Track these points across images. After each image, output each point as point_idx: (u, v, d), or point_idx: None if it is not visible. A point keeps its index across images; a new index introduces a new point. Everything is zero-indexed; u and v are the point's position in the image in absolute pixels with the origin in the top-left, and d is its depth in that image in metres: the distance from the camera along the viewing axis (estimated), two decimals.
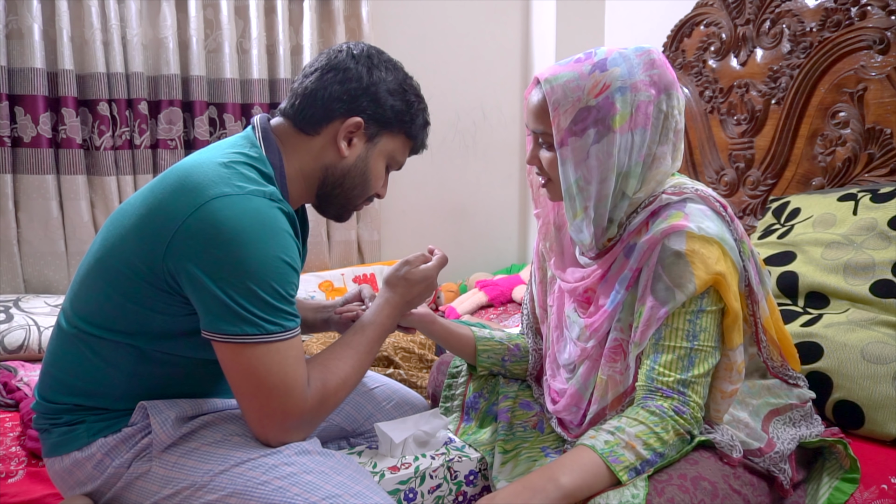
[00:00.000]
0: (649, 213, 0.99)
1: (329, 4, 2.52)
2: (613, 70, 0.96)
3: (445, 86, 2.79)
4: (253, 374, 0.91)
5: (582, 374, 1.08)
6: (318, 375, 0.98)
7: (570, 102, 0.96)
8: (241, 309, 0.90)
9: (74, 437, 1.00)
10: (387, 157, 1.12)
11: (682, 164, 2.14)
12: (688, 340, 0.93)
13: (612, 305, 1.01)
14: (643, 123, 0.96)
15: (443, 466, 1.10)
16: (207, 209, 0.90)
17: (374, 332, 1.09)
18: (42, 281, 2.14)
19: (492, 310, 2.51)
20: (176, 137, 2.28)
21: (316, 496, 0.87)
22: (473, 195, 2.99)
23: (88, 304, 1.00)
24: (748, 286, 0.99)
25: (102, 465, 0.98)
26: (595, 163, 0.97)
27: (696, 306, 0.94)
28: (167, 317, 0.96)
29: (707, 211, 0.97)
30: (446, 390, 1.33)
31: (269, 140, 1.05)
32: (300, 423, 0.96)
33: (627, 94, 0.95)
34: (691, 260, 0.92)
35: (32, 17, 2.00)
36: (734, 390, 0.96)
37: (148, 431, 0.99)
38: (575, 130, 0.96)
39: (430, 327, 1.25)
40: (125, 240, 0.96)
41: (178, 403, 1.01)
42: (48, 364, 1.04)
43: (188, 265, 0.90)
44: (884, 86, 1.60)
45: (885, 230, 1.35)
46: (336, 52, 1.08)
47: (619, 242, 1.01)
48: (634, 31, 2.67)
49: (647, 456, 0.88)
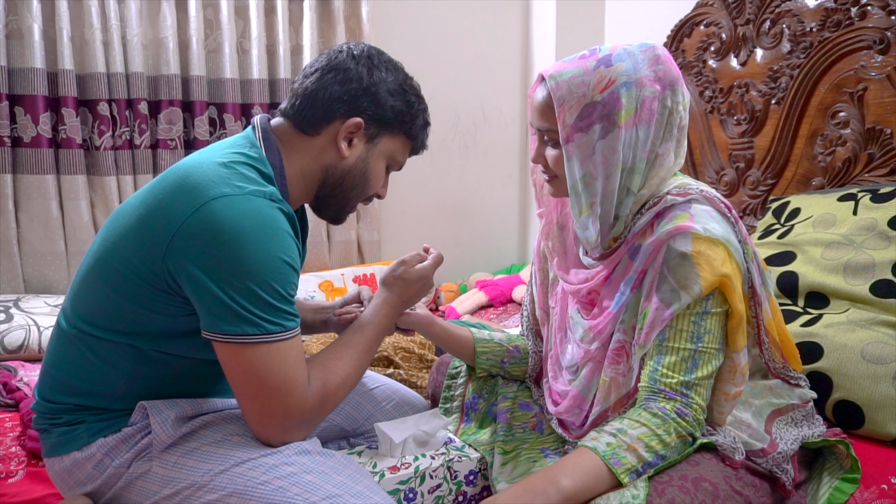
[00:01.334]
0: (654, 215, 0.98)
1: (329, 4, 2.52)
2: (619, 66, 0.96)
3: (445, 86, 2.79)
4: (254, 374, 0.91)
5: (585, 376, 1.08)
6: (319, 375, 0.98)
7: (575, 98, 0.96)
8: (241, 309, 0.90)
9: (74, 437, 1.00)
10: (387, 157, 1.12)
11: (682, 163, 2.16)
12: (692, 342, 0.93)
13: (617, 307, 1.01)
14: (648, 119, 0.96)
15: (443, 466, 1.10)
16: (207, 209, 0.90)
17: (373, 331, 1.09)
18: (42, 281, 2.14)
19: (492, 310, 2.51)
20: (176, 137, 2.28)
21: (316, 496, 0.87)
22: (473, 195, 2.99)
23: (88, 304, 1.00)
24: (751, 288, 0.99)
25: (102, 465, 0.98)
26: (601, 158, 0.97)
27: (701, 308, 0.93)
28: (167, 317, 0.96)
29: (712, 212, 0.97)
30: (446, 391, 1.33)
31: (268, 140, 1.05)
32: (301, 423, 0.96)
33: (633, 89, 0.95)
34: (697, 261, 0.92)
35: (32, 17, 2.00)
36: (738, 392, 0.96)
37: (148, 431, 0.99)
38: (580, 126, 0.96)
39: (428, 329, 1.25)
40: (125, 240, 0.96)
41: (177, 403, 1.01)
42: (48, 364, 1.04)
43: (188, 265, 0.90)
44: (884, 86, 1.60)
45: (885, 230, 1.35)
46: (336, 52, 1.08)
47: (624, 244, 1.01)
48: (634, 31, 2.67)
49: (649, 458, 0.88)
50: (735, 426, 0.98)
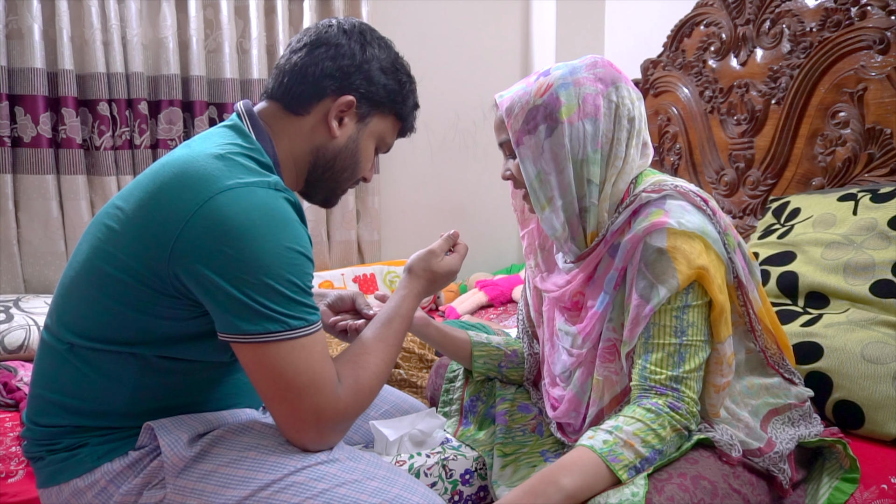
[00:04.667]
0: (631, 213, 1.00)
1: (329, 4, 2.52)
2: (555, 73, 1.04)
3: (445, 86, 2.79)
4: (280, 374, 0.86)
5: (578, 379, 1.09)
6: (349, 372, 0.93)
7: (519, 107, 1.04)
8: (260, 307, 0.85)
9: (76, 463, 0.92)
10: (377, 138, 1.08)
11: (682, 163, 2.16)
12: (676, 336, 0.94)
13: (602, 307, 1.02)
14: (593, 113, 1.01)
15: (437, 465, 1.10)
16: (212, 205, 0.85)
17: (400, 324, 1.04)
18: (42, 281, 2.14)
19: (492, 310, 2.51)
20: (176, 137, 2.29)
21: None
22: (473, 195, 2.99)
23: (81, 316, 0.93)
24: (737, 277, 0.99)
25: (106, 494, 0.91)
26: (550, 155, 1.02)
27: (682, 302, 0.94)
28: (172, 322, 0.91)
29: (687, 206, 0.98)
30: (444, 394, 1.33)
31: (258, 127, 1.00)
32: (336, 424, 0.91)
33: (571, 87, 1.01)
34: (673, 256, 0.93)
35: (32, 17, 2.00)
36: (726, 383, 0.97)
37: (156, 454, 0.92)
38: (527, 129, 1.03)
39: (424, 330, 1.23)
40: (119, 244, 0.90)
41: (185, 422, 0.94)
42: (38, 386, 0.96)
43: (197, 266, 0.85)
44: (884, 86, 1.60)
45: (885, 230, 1.34)
46: (326, 26, 1.03)
47: (603, 243, 1.02)
48: (634, 31, 2.67)
49: (647, 454, 0.88)
50: (732, 424, 0.98)
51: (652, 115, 2.29)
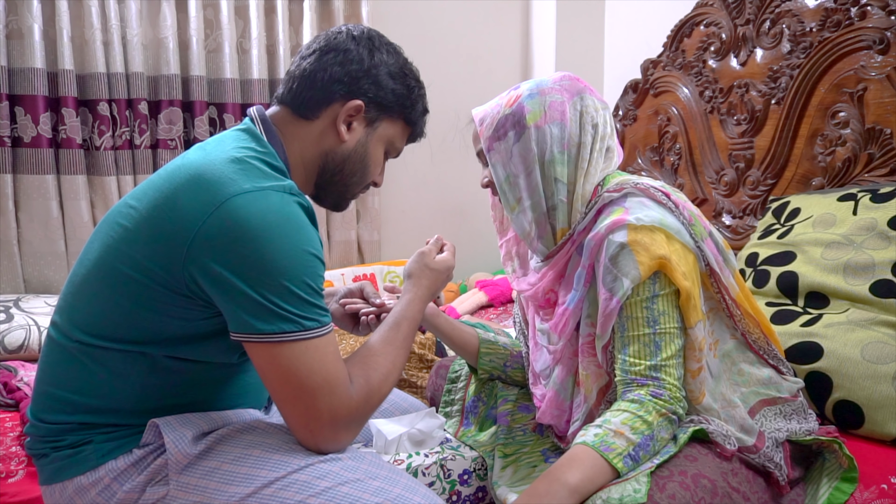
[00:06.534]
0: (596, 212, 1.04)
1: (329, 4, 2.52)
2: (524, 86, 1.11)
3: (445, 86, 2.78)
4: (294, 374, 0.87)
5: (558, 376, 1.11)
6: (360, 372, 0.94)
7: (490, 117, 1.10)
8: (276, 307, 0.86)
9: (81, 460, 0.92)
10: (386, 142, 1.10)
11: (682, 163, 2.16)
12: (649, 326, 0.97)
13: (574, 302, 1.05)
14: (559, 118, 1.06)
15: (436, 464, 1.10)
16: (228, 207, 0.87)
17: (408, 327, 1.05)
18: (42, 281, 2.14)
19: (492, 310, 2.51)
20: (176, 137, 2.29)
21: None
22: (473, 195, 2.97)
23: (91, 314, 0.94)
24: (709, 265, 1.02)
25: (110, 491, 0.91)
26: (518, 159, 1.07)
27: (650, 292, 0.97)
28: (184, 321, 0.92)
29: (647, 201, 1.02)
30: (446, 395, 1.34)
31: (271, 132, 1.02)
32: (350, 423, 0.92)
33: (537, 97, 1.07)
34: (634, 249, 0.97)
35: (32, 17, 2.01)
36: (700, 368, 0.99)
37: (160, 452, 0.92)
38: (497, 136, 1.09)
39: (434, 320, 1.25)
40: (133, 243, 0.91)
41: (191, 420, 0.94)
42: (43, 383, 0.97)
43: (214, 267, 0.86)
44: (884, 86, 1.60)
45: (885, 230, 1.34)
46: (335, 33, 1.05)
47: (570, 242, 1.07)
48: (634, 31, 2.67)
49: (637, 440, 0.90)
50: (726, 412, 1.00)
51: (652, 115, 2.29)
